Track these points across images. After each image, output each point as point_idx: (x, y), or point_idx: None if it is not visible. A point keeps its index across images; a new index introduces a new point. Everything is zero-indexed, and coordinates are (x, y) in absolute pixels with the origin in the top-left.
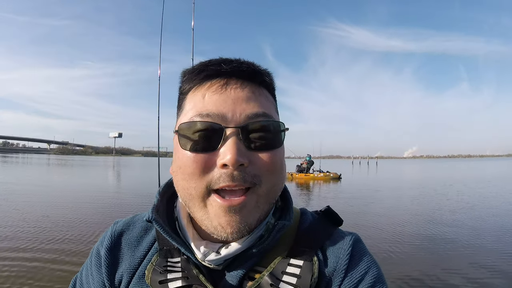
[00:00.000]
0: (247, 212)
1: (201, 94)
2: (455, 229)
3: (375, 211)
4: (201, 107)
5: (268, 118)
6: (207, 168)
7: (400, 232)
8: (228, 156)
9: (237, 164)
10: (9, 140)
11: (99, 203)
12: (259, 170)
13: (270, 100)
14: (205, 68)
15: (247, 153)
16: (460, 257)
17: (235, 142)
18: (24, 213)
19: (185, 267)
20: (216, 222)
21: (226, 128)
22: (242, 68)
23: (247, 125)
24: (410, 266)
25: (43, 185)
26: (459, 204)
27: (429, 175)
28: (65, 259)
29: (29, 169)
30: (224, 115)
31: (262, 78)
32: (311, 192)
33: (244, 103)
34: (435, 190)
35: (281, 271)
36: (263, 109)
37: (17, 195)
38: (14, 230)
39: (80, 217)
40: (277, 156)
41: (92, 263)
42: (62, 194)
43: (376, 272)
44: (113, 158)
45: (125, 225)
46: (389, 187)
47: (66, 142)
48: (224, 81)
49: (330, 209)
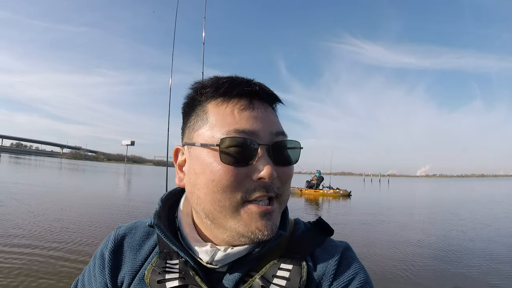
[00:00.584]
0: (275, 216)
1: (230, 110)
2: (468, 249)
3: (384, 230)
4: (235, 123)
5: (287, 137)
6: (243, 181)
7: (412, 251)
8: (265, 171)
9: (273, 177)
10: (22, 142)
11: (111, 208)
12: (281, 183)
13: (278, 120)
14: (235, 85)
15: (275, 167)
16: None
17: (268, 157)
18: (38, 215)
19: (182, 268)
20: (254, 226)
21: (261, 145)
22: (266, 91)
23: (275, 142)
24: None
25: (56, 187)
26: (472, 224)
27: (441, 194)
28: (71, 257)
29: (42, 172)
30: (257, 133)
31: (275, 102)
32: (320, 208)
33: (270, 122)
34: (447, 210)
35: (272, 274)
36: (281, 128)
37: (31, 197)
38: (28, 229)
39: (90, 220)
40: (292, 171)
41: (95, 265)
42: (72, 199)
43: (363, 278)
44: (125, 165)
45: (128, 230)
46: (399, 206)
47: (79, 147)
48: (249, 100)
49: (321, 219)
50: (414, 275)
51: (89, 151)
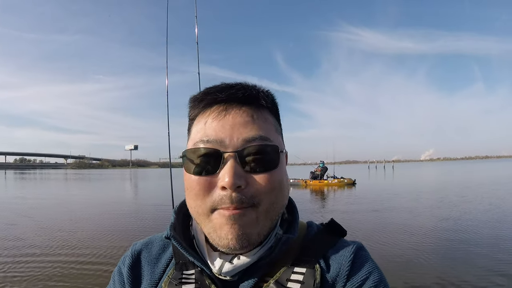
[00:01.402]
0: (245, 223)
1: (203, 121)
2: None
3: (387, 217)
4: (203, 134)
5: (263, 141)
6: (210, 190)
7: (423, 237)
8: (226, 179)
9: (234, 186)
10: (25, 157)
11: (122, 216)
12: (257, 191)
13: (270, 122)
14: (205, 97)
15: (244, 175)
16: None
17: (232, 165)
18: (52, 230)
19: (198, 278)
20: (220, 231)
21: (224, 153)
22: (238, 95)
23: (243, 149)
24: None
25: (65, 199)
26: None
27: (446, 179)
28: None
29: (49, 185)
30: (223, 140)
31: (259, 102)
32: (326, 198)
33: (242, 127)
34: (454, 194)
35: (286, 278)
36: (260, 132)
37: (42, 212)
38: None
39: (104, 230)
40: (274, 177)
41: (115, 282)
42: (83, 209)
43: (378, 277)
44: (130, 170)
45: (144, 245)
46: (405, 192)
47: (83, 156)
48: (223, 107)
49: (334, 221)
50: (428, 260)
51: (94, 159)
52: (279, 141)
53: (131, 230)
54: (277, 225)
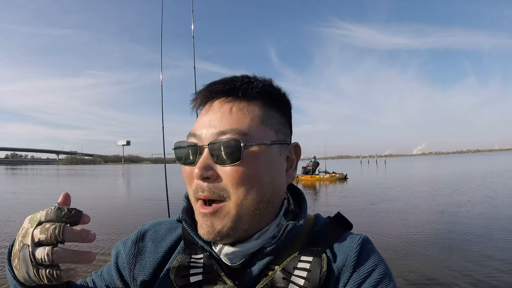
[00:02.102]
0: (215, 219)
1: (198, 117)
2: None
3: (378, 210)
4: (192, 129)
5: (233, 135)
6: (192, 179)
7: (410, 231)
8: (196, 170)
9: (201, 177)
10: (17, 152)
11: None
12: (226, 184)
13: (254, 115)
14: (197, 96)
15: (214, 167)
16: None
17: (204, 158)
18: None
19: (206, 262)
20: (198, 223)
21: (200, 146)
22: (217, 90)
23: (213, 142)
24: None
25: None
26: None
27: (433, 172)
28: None
29: (41, 180)
30: (201, 134)
31: (245, 95)
32: (318, 193)
33: (217, 121)
34: (440, 187)
35: (293, 266)
36: (233, 125)
37: (37, 208)
38: None
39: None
40: (241, 171)
41: (113, 255)
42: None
43: (383, 269)
44: (122, 166)
45: (151, 225)
46: (393, 185)
47: (75, 152)
48: (210, 103)
49: (340, 214)
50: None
51: (86, 155)
52: (263, 134)
53: (127, 224)
54: (279, 216)
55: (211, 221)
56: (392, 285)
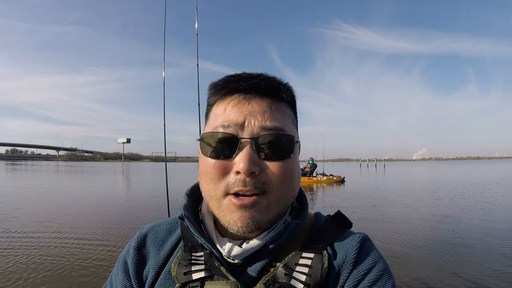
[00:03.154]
0: (256, 211)
1: (223, 107)
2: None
3: (373, 214)
4: (222, 119)
5: (279, 131)
6: (225, 174)
7: (407, 235)
8: (241, 165)
9: (249, 172)
10: (17, 148)
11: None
12: (269, 178)
13: (286, 114)
14: (227, 84)
15: (259, 162)
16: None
17: (248, 151)
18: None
19: (208, 260)
20: (230, 217)
21: (242, 139)
22: (260, 86)
23: (259, 136)
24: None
25: (61, 190)
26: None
27: (433, 178)
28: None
29: (42, 176)
30: (241, 127)
31: (280, 95)
32: (315, 195)
33: (259, 116)
34: (438, 192)
35: (294, 263)
36: (276, 122)
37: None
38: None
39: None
40: (287, 166)
41: (119, 264)
42: (78, 201)
43: (383, 266)
44: (122, 164)
45: (150, 228)
46: (389, 189)
47: (75, 148)
48: (243, 96)
49: (341, 213)
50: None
51: (86, 151)
52: (294, 132)
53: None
54: (287, 213)
55: (251, 213)
56: (391, 282)
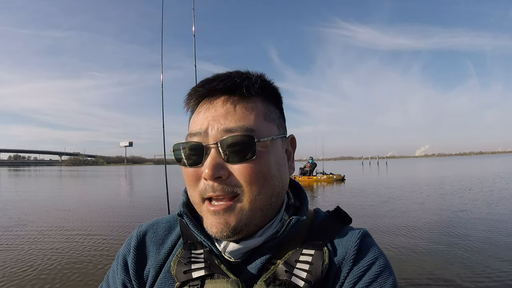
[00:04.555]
0: (229, 215)
1: (195, 115)
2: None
3: (370, 212)
4: (191, 128)
5: (242, 132)
6: (197, 181)
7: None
8: (206, 171)
9: (213, 177)
10: (20, 154)
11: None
12: (238, 182)
13: (257, 110)
14: (194, 93)
15: (225, 166)
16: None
17: (212, 157)
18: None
19: (207, 257)
20: (207, 223)
21: (206, 145)
22: (218, 87)
23: (222, 140)
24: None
25: (64, 196)
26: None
27: (434, 174)
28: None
29: (45, 182)
30: (205, 133)
31: (245, 91)
32: (315, 193)
33: (222, 119)
34: (442, 189)
35: (295, 260)
36: (240, 122)
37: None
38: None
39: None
40: (255, 167)
41: (118, 264)
42: (84, 205)
43: (383, 262)
44: (125, 167)
45: (149, 226)
46: (389, 187)
47: (77, 153)
48: (209, 100)
49: (340, 208)
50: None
51: (88, 156)
52: (267, 128)
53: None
54: (281, 211)
55: (224, 218)
56: (391, 278)
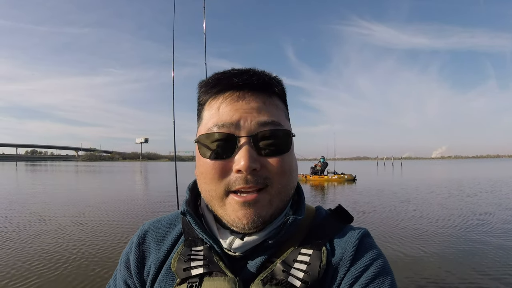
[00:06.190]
0: (260, 206)
1: (216, 106)
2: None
3: (366, 216)
4: (217, 119)
5: (276, 126)
6: (225, 173)
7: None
8: (241, 163)
9: (250, 169)
10: (37, 149)
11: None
12: (270, 173)
13: (280, 108)
14: (218, 82)
15: (258, 158)
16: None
17: (247, 149)
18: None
19: (207, 255)
20: (234, 215)
21: (239, 137)
22: (253, 81)
23: (257, 133)
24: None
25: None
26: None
27: (451, 177)
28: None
29: (64, 177)
30: (237, 125)
31: (272, 89)
32: (325, 193)
33: (255, 112)
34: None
35: (293, 259)
36: (272, 117)
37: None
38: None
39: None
40: (286, 160)
41: (122, 262)
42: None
43: (381, 263)
44: (140, 163)
45: (152, 224)
46: (398, 189)
47: (94, 148)
48: (237, 93)
49: (341, 207)
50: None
51: (104, 151)
52: (289, 126)
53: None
54: (288, 206)
55: (255, 209)
56: (389, 279)
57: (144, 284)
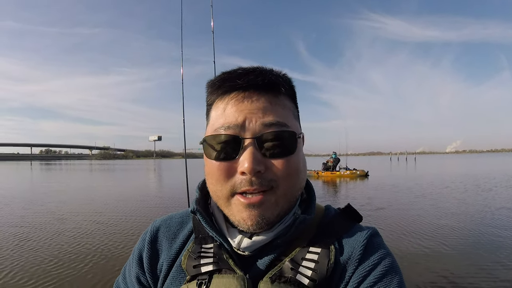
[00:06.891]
0: (265, 208)
1: (222, 107)
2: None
3: (379, 213)
4: (223, 120)
5: (281, 127)
6: (230, 175)
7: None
8: (246, 165)
9: (254, 172)
10: (51, 148)
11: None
12: (275, 175)
13: (287, 108)
14: (223, 83)
15: (263, 160)
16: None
17: (251, 151)
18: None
19: (217, 252)
20: (239, 216)
21: (244, 139)
22: (257, 82)
23: (262, 135)
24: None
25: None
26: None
27: (466, 172)
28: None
29: (80, 175)
30: (242, 126)
31: (279, 89)
32: (338, 189)
33: (260, 113)
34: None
35: (301, 257)
36: (278, 118)
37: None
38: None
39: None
40: (292, 161)
41: (133, 258)
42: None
43: (389, 262)
44: (154, 161)
45: (163, 222)
46: (412, 185)
47: (107, 147)
48: (242, 94)
49: (351, 206)
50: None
51: (118, 150)
52: (296, 126)
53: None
54: (296, 205)
55: (260, 211)
56: (397, 278)
57: (157, 281)
